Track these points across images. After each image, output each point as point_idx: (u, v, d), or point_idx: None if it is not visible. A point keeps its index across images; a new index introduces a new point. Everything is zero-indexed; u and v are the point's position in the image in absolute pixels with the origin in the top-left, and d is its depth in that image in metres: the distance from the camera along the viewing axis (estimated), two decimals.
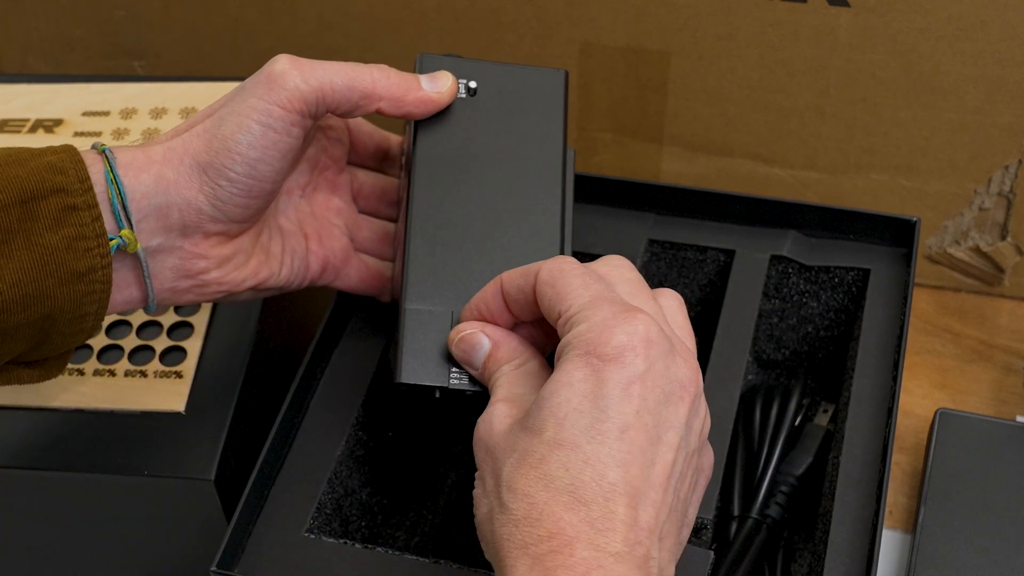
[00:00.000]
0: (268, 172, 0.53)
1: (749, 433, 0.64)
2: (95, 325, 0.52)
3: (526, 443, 0.45)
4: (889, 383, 0.59)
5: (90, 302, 0.50)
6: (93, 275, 0.50)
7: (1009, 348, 0.78)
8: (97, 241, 0.50)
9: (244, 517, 0.54)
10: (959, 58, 0.71)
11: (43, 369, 0.53)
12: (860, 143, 0.76)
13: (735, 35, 0.74)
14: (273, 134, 0.52)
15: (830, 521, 0.55)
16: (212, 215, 0.53)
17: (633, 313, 0.46)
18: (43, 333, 0.50)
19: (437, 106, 0.56)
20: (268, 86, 0.53)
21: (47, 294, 0.49)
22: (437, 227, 0.55)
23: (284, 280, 0.58)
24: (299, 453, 0.58)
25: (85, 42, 0.87)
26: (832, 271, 0.65)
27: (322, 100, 0.53)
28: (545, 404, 0.45)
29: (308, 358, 0.60)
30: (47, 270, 0.48)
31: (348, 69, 0.54)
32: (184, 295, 0.55)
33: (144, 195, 0.51)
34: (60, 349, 0.52)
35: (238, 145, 0.52)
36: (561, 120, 0.58)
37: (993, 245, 0.79)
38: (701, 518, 0.55)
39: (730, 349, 0.62)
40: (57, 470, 0.58)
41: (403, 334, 0.53)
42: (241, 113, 0.52)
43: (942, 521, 0.64)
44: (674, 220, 0.67)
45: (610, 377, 0.44)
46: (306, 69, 0.53)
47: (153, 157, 0.52)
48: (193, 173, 0.52)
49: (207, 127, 0.53)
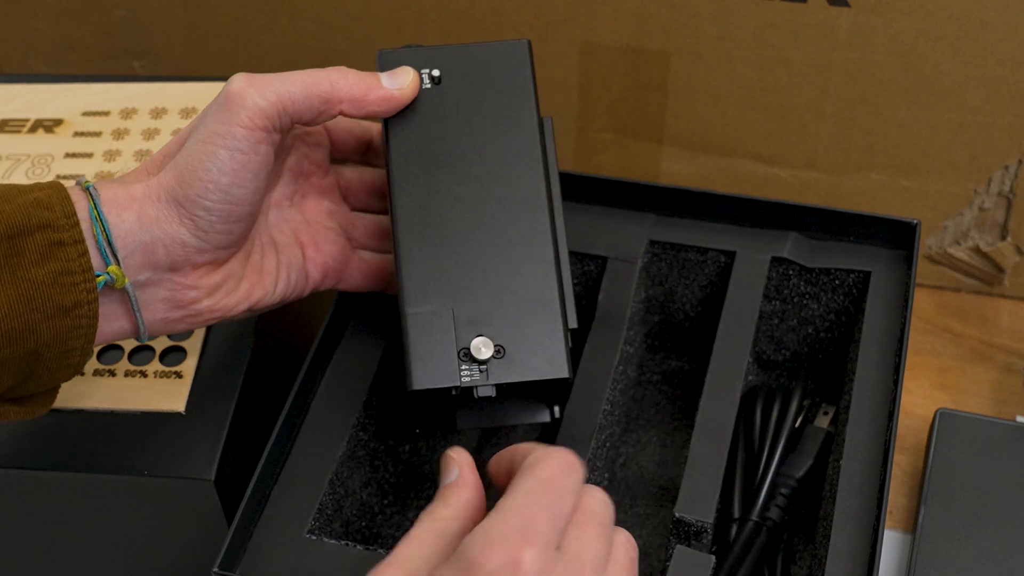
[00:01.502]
0: (243, 194, 0.53)
1: (749, 435, 0.64)
2: (81, 360, 0.52)
3: None
4: (890, 386, 0.59)
5: (76, 337, 0.50)
6: (79, 310, 0.50)
7: (1009, 348, 0.78)
8: (83, 276, 0.50)
9: (245, 518, 0.54)
10: (959, 58, 0.71)
11: (29, 406, 0.52)
12: (860, 143, 0.76)
13: (735, 35, 0.74)
14: (241, 156, 0.52)
15: (831, 525, 0.55)
16: (197, 246, 0.53)
17: (529, 545, 0.43)
18: (29, 368, 0.50)
19: (400, 103, 0.56)
20: (226, 108, 0.52)
21: (33, 329, 0.49)
22: (424, 226, 0.54)
23: (280, 296, 0.58)
24: (300, 454, 0.58)
25: (85, 42, 0.87)
26: (833, 273, 0.65)
27: (284, 112, 0.53)
28: None
29: (310, 358, 0.60)
30: (33, 304, 0.48)
31: (304, 77, 0.54)
32: (176, 324, 0.55)
33: (128, 232, 0.51)
34: (46, 385, 0.52)
35: (208, 173, 0.52)
36: (531, 91, 0.57)
37: (993, 245, 0.79)
38: (701, 522, 0.55)
39: (730, 350, 0.62)
40: (57, 470, 0.58)
41: (408, 340, 0.52)
42: (205, 140, 0.52)
43: (942, 521, 0.64)
44: (675, 221, 0.67)
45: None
46: (262, 85, 0.53)
47: (134, 195, 0.52)
48: (171, 208, 0.52)
49: (178, 161, 0.53)
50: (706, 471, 0.57)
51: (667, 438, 0.70)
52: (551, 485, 0.45)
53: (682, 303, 0.70)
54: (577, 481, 0.46)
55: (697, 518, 0.55)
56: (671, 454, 0.69)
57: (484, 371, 0.52)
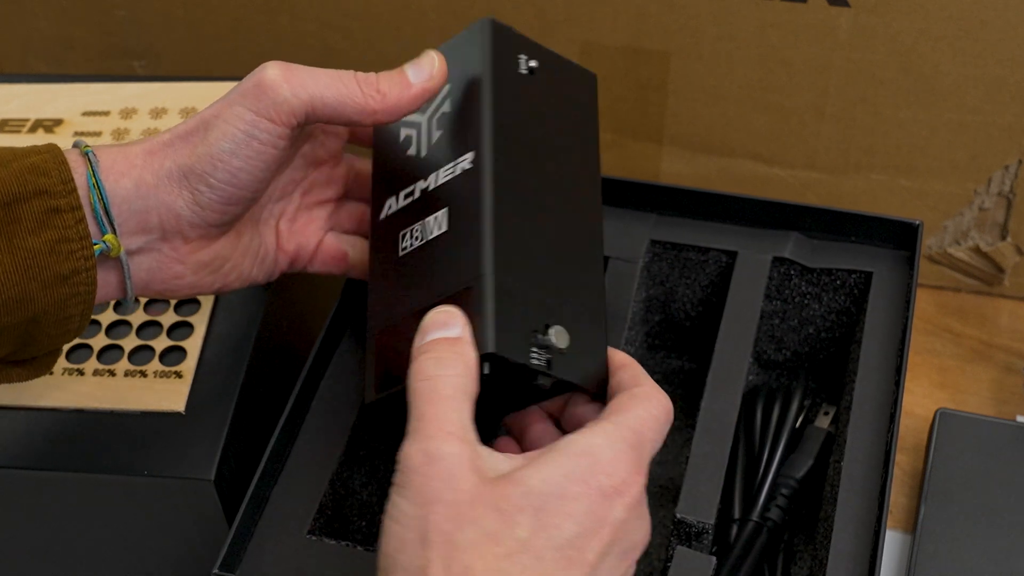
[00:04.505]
0: (249, 181, 0.52)
1: (750, 435, 0.64)
2: (81, 325, 0.51)
3: (496, 526, 0.42)
4: (891, 387, 0.59)
5: (75, 304, 0.50)
6: (77, 277, 0.49)
7: (1009, 348, 0.78)
8: (81, 244, 0.49)
9: (246, 519, 0.54)
10: (959, 58, 0.71)
11: (31, 367, 0.52)
12: (860, 143, 0.76)
13: (735, 35, 0.74)
14: (257, 144, 0.52)
15: (832, 525, 0.55)
16: (190, 220, 0.52)
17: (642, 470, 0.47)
18: (28, 335, 0.50)
19: (431, 93, 0.54)
20: (257, 95, 0.51)
21: (31, 298, 0.48)
22: (516, 198, 0.52)
23: (253, 280, 0.58)
24: (300, 454, 0.58)
25: (85, 42, 0.87)
26: (834, 273, 0.65)
27: (312, 114, 0.52)
28: (532, 494, 0.43)
29: (311, 358, 0.60)
30: (30, 274, 0.48)
31: (339, 85, 0.52)
32: (153, 293, 0.55)
33: (124, 199, 0.51)
34: (47, 348, 0.52)
35: (221, 153, 0.51)
36: (596, 118, 0.58)
37: (993, 245, 0.79)
38: (702, 523, 0.55)
39: (732, 350, 0.62)
40: (57, 470, 0.58)
41: (491, 305, 0.48)
42: (227, 120, 0.51)
43: (942, 521, 0.64)
44: (676, 221, 0.67)
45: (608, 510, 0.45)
46: (296, 81, 0.52)
47: (133, 161, 0.52)
48: (173, 177, 0.52)
49: (192, 130, 0.52)
50: (707, 471, 0.57)
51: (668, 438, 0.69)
52: (658, 425, 0.49)
53: (683, 303, 0.70)
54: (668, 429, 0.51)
55: (698, 519, 0.55)
56: (672, 454, 0.69)
57: (549, 361, 0.50)
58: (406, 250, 0.54)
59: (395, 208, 0.56)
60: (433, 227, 0.53)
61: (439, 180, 0.54)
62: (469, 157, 0.53)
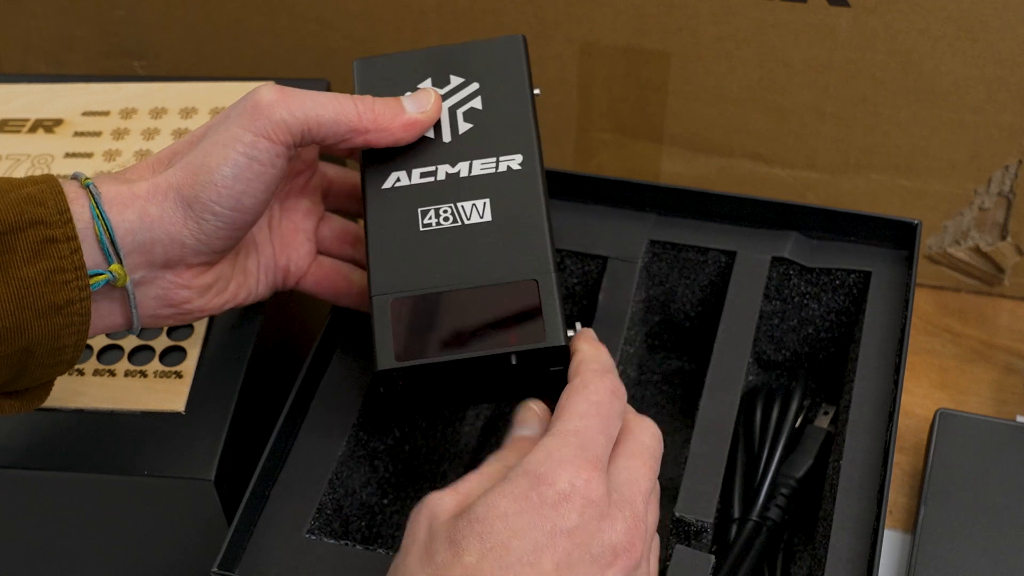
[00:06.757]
0: (252, 204, 0.53)
1: (749, 435, 0.64)
2: (74, 356, 0.51)
3: (446, 557, 0.44)
4: (890, 387, 0.59)
5: (68, 334, 0.50)
6: (71, 308, 0.49)
7: (1009, 348, 0.78)
8: (76, 274, 0.49)
9: (245, 518, 0.54)
10: (959, 58, 0.71)
11: (24, 399, 0.52)
12: (860, 143, 0.76)
13: (735, 35, 0.74)
14: (258, 166, 0.52)
15: (831, 525, 0.55)
16: (195, 248, 0.53)
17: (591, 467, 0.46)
18: (21, 365, 0.50)
19: (424, 126, 0.56)
20: (253, 116, 0.52)
21: (24, 327, 0.48)
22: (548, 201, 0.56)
23: (261, 295, 0.58)
24: (300, 454, 0.58)
25: (85, 42, 0.87)
26: (833, 273, 0.65)
27: (308, 133, 0.53)
28: (477, 520, 0.44)
29: (310, 358, 0.60)
30: (24, 303, 0.48)
31: (335, 103, 0.53)
32: (165, 320, 0.55)
33: (128, 231, 0.51)
34: (40, 380, 0.52)
35: (224, 179, 0.51)
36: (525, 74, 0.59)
37: (993, 245, 0.79)
38: (701, 521, 0.55)
39: (731, 350, 0.62)
40: (57, 470, 0.58)
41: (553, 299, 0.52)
42: (226, 144, 0.52)
43: (942, 521, 0.64)
44: (675, 221, 0.67)
45: (557, 519, 0.44)
46: (293, 102, 0.52)
47: (137, 193, 0.52)
48: (178, 208, 0.52)
49: (191, 160, 0.52)
50: (706, 471, 0.57)
51: (667, 438, 0.69)
52: (603, 409, 0.48)
53: (682, 303, 0.70)
54: (622, 405, 0.50)
55: (697, 518, 0.55)
56: (671, 454, 0.69)
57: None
58: (430, 227, 0.55)
59: (407, 183, 0.56)
60: (471, 213, 0.55)
61: (473, 170, 0.56)
62: (518, 159, 0.56)
